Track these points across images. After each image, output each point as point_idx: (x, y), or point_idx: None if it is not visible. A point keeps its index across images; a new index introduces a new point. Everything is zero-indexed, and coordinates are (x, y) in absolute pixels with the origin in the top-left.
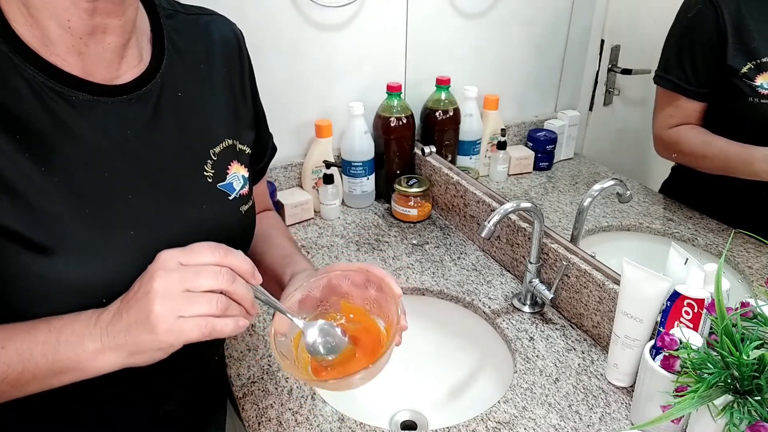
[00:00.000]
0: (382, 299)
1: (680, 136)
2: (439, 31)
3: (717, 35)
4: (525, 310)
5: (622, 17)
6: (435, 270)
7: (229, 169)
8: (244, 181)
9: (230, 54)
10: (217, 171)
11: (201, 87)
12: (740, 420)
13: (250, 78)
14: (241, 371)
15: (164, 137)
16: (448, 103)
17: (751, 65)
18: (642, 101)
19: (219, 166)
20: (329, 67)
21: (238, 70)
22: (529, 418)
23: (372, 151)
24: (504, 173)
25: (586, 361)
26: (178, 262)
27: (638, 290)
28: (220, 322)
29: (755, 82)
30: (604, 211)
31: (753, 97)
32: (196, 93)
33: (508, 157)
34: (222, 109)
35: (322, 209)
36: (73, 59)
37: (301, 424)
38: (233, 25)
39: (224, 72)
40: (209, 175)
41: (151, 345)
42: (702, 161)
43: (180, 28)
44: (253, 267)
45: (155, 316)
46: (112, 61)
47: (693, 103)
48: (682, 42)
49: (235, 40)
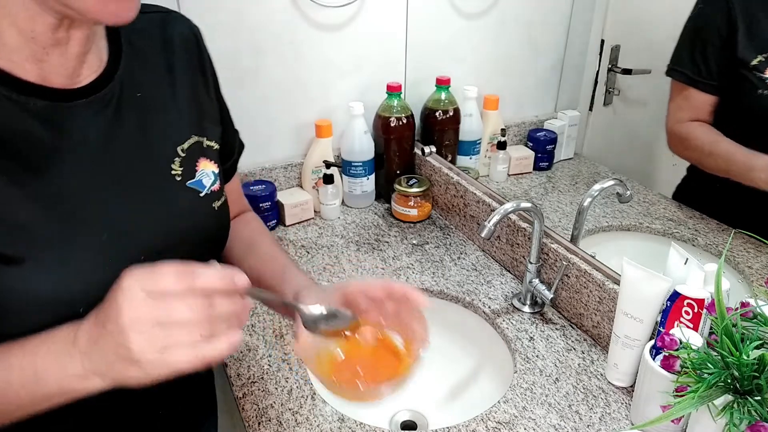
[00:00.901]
0: (403, 312)
1: (689, 131)
2: (439, 31)
3: (728, 27)
4: (525, 310)
5: (622, 17)
6: (435, 270)
7: (198, 165)
8: (215, 177)
9: (189, 51)
10: (185, 169)
11: (161, 85)
12: (740, 420)
13: (212, 74)
14: (241, 371)
15: (128, 138)
16: (448, 103)
17: (762, 57)
18: (642, 101)
19: (187, 163)
20: (329, 67)
21: (199, 67)
22: (529, 418)
23: (372, 151)
24: (504, 173)
25: (586, 361)
26: (142, 292)
27: (638, 290)
28: (210, 347)
29: (765, 74)
30: (604, 211)
31: (763, 89)
32: (157, 92)
33: (508, 157)
34: (185, 106)
35: (322, 209)
36: (30, 66)
37: (301, 424)
38: (190, 21)
39: (184, 69)
40: (177, 173)
41: (139, 377)
42: (707, 159)
43: (137, 27)
44: (233, 273)
45: (136, 353)
46: (74, 68)
47: (704, 95)
48: (693, 34)
49: (192, 36)
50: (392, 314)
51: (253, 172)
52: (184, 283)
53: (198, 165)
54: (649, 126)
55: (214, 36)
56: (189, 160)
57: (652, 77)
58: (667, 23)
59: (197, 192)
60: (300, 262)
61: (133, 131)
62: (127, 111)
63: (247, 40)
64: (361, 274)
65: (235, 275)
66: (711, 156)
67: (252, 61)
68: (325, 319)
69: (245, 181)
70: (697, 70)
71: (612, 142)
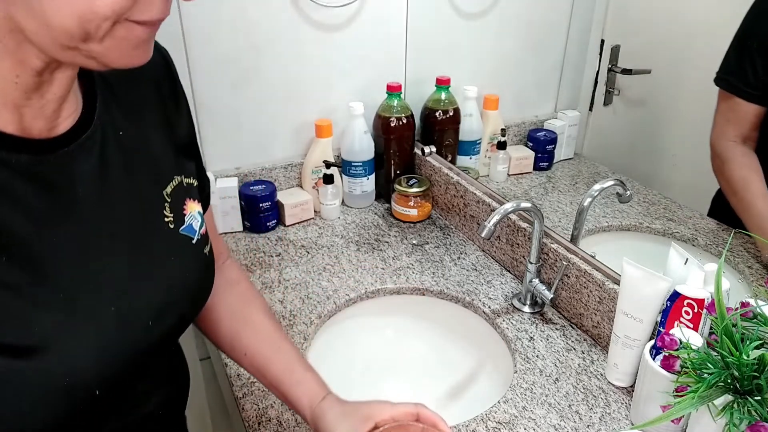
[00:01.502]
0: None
1: (729, 156)
2: (439, 31)
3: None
4: (525, 310)
5: (622, 17)
6: (435, 270)
7: (185, 209)
8: (201, 218)
9: (161, 80)
10: (175, 214)
11: (139, 123)
12: (740, 420)
13: (185, 102)
14: (241, 371)
15: (117, 186)
16: (448, 103)
17: None
18: (642, 101)
19: (175, 208)
20: (329, 67)
21: (173, 97)
22: (529, 418)
23: (372, 151)
24: (504, 173)
25: (586, 361)
26: None
27: (638, 290)
28: None
29: None
30: (604, 211)
31: None
32: (135, 131)
33: (508, 157)
34: (163, 143)
35: (322, 209)
36: (9, 116)
37: (301, 424)
38: (159, 45)
39: (157, 101)
40: (170, 221)
41: None
42: (732, 196)
43: None
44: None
45: None
46: (54, 111)
47: (750, 106)
48: (743, 41)
49: (164, 62)
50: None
51: (253, 172)
52: None
53: (185, 208)
54: (649, 126)
55: (214, 36)
56: (176, 204)
57: (652, 77)
58: (667, 23)
59: (190, 239)
60: (300, 262)
61: (122, 177)
62: (112, 155)
63: (247, 40)
64: (360, 274)
65: None
66: (736, 194)
67: (252, 60)
68: None
69: (245, 181)
70: (745, 78)
71: (612, 142)
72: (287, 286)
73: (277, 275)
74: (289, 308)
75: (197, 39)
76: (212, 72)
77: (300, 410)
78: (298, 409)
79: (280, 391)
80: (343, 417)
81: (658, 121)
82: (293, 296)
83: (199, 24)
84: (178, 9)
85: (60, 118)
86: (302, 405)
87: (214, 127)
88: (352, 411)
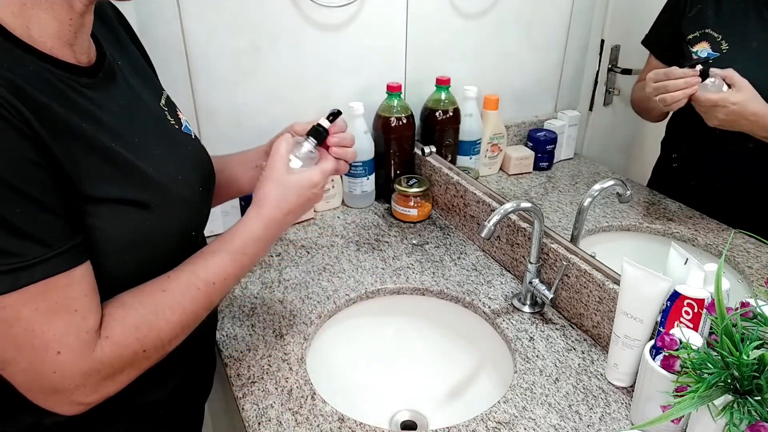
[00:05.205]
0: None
1: (640, 90)
2: (439, 31)
3: (681, 3)
4: (525, 310)
5: (622, 17)
6: (435, 270)
7: (179, 114)
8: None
9: (119, 18)
10: (174, 120)
11: (124, 53)
12: (740, 420)
13: (137, 39)
14: (241, 371)
15: (135, 101)
16: (448, 103)
17: (697, 33)
18: None
19: (173, 114)
20: (329, 68)
21: (129, 31)
22: (529, 418)
23: (372, 151)
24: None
25: (586, 361)
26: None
27: (638, 290)
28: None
29: (693, 48)
30: (604, 211)
31: (685, 62)
32: (125, 59)
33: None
34: (144, 67)
35: (322, 209)
36: (68, 51)
37: (301, 424)
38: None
39: (126, 37)
40: (174, 123)
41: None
42: (644, 103)
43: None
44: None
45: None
46: (88, 46)
47: (659, 63)
48: (662, 12)
49: (110, 5)
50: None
51: None
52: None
53: (179, 114)
54: (649, 126)
55: (214, 36)
56: (172, 111)
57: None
58: None
59: (190, 135)
60: (300, 262)
61: (134, 96)
62: (121, 80)
63: (248, 40)
64: (361, 274)
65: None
66: (646, 102)
67: (252, 61)
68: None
69: None
70: (657, 39)
71: (612, 142)
72: (287, 286)
73: (277, 275)
74: (289, 308)
75: (197, 39)
76: (212, 72)
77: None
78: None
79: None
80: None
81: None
82: (293, 296)
83: (199, 23)
84: (178, 9)
85: (90, 52)
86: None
87: (214, 127)
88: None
